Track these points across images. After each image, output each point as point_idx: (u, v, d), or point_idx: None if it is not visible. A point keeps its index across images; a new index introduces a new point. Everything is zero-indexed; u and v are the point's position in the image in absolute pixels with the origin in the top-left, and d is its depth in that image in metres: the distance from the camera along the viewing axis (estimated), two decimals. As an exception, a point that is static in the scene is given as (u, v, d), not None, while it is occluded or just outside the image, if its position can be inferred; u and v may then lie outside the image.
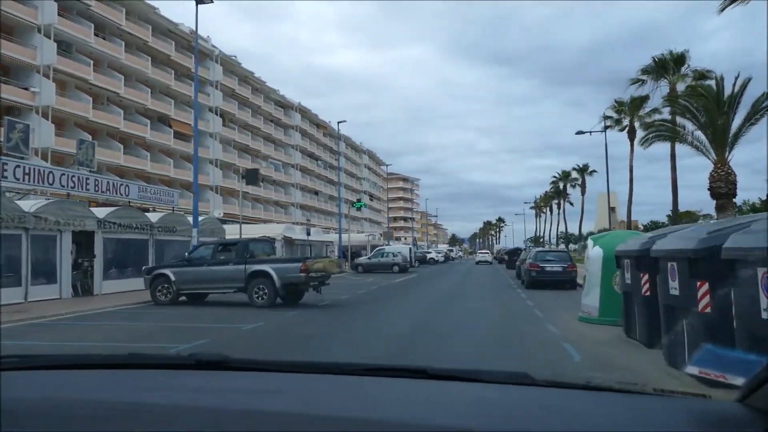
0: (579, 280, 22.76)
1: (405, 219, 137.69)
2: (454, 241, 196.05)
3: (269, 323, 12.49)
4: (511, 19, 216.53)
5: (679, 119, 27.75)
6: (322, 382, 1.57)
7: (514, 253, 43.89)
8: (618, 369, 7.79)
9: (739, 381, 1.24)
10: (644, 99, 37.18)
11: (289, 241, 33.88)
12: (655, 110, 38.82)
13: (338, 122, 46.91)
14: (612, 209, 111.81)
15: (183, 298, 17.13)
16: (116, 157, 44.47)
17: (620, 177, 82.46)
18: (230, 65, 61.73)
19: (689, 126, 26.67)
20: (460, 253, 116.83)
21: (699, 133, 26.32)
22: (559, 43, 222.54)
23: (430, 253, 60.15)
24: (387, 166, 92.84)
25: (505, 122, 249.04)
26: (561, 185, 70.46)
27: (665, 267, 7.73)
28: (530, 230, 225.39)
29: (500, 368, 1.59)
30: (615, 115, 41.00)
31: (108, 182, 21.49)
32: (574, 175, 65.25)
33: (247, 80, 65.27)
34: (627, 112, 40.19)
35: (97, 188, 20.26)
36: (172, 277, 16.47)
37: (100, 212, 19.77)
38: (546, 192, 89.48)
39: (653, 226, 65.84)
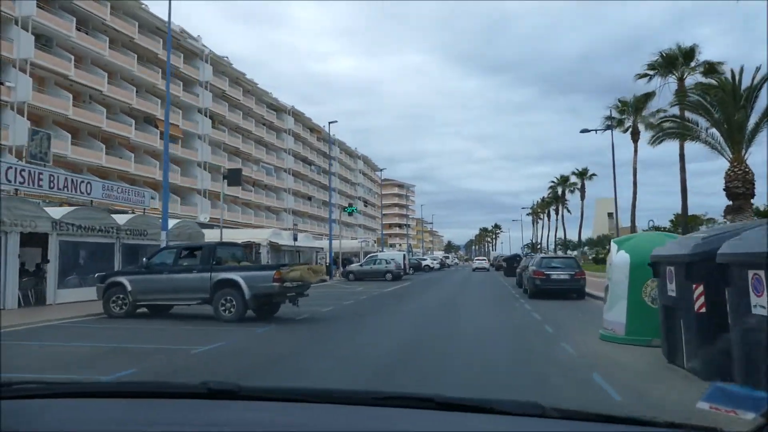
0: (590, 289, 20.73)
1: (400, 225, 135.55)
2: (449, 248, 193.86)
3: (230, 343, 10.35)
4: (507, 28, 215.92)
5: (689, 116, 25.79)
6: (330, 414, 1.59)
7: (513, 260, 41.83)
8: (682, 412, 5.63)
9: (750, 416, 1.30)
10: (649, 96, 35.24)
11: (275, 247, 31.76)
12: (660, 111, 37.07)
13: (329, 122, 44.56)
14: (610, 215, 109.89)
15: (144, 309, 14.99)
16: (98, 158, 42.33)
17: (618, 182, 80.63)
18: (221, 66, 59.71)
19: (702, 123, 24.73)
20: (456, 260, 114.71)
21: (713, 131, 24.41)
22: (554, 51, 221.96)
23: (425, 260, 58.02)
24: (382, 171, 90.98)
25: (502, 130, 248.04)
26: (559, 190, 68.34)
27: (740, 276, 5.67)
28: (527, 237, 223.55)
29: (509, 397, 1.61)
30: (618, 116, 39.08)
31: (66, 179, 19.27)
32: (573, 179, 63.34)
33: (238, 82, 63.25)
34: (630, 112, 38.29)
35: (52, 185, 18.06)
36: (128, 287, 14.27)
37: (57, 212, 17.60)
38: (543, 198, 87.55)
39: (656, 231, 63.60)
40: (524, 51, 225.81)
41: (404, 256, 39.33)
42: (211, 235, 27.70)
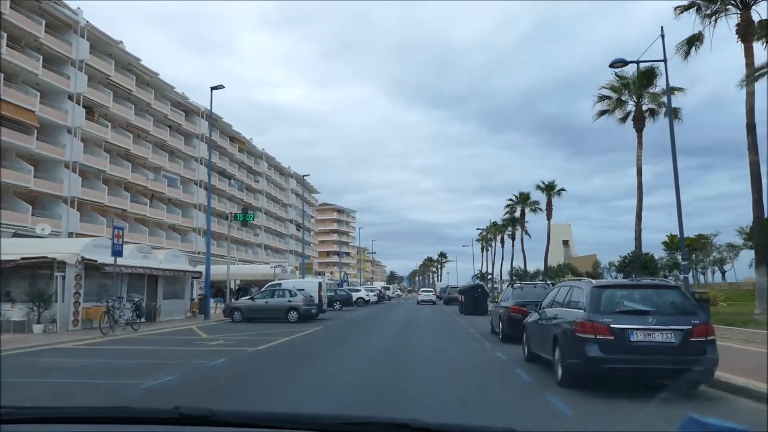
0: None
1: (338, 253, 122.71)
2: (392, 278, 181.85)
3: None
4: (451, 64, 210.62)
5: None
6: None
7: (474, 291, 29.96)
8: None
9: None
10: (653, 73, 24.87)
11: (92, 266, 18.66)
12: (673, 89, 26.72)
13: (211, 88, 31.77)
14: (565, 243, 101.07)
15: None
16: None
17: (567, 211, 71.09)
18: (105, 45, 46.45)
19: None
20: (399, 292, 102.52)
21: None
22: (496, 89, 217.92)
23: (358, 291, 45.60)
24: (318, 194, 78.99)
25: (445, 163, 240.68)
26: (518, 210, 57.23)
27: None
28: (467, 268, 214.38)
29: (482, 423, 1.64)
30: (613, 95, 28.46)
31: None
32: (535, 196, 52.80)
33: (131, 69, 50.02)
34: (633, 90, 27.65)
35: None
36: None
37: None
38: (493, 223, 77.03)
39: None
40: (467, 87, 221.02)
41: (320, 284, 26.83)
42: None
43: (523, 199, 55.67)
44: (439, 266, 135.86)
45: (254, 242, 75.43)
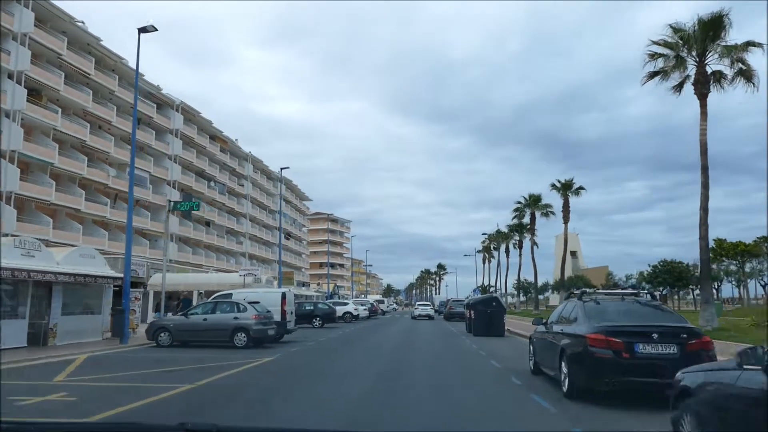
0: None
1: (332, 265, 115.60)
2: (389, 291, 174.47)
3: None
4: (448, 78, 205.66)
5: None
6: None
7: (487, 305, 22.92)
8: None
9: None
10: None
11: None
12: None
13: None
14: (573, 253, 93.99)
15: None
16: None
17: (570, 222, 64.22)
18: (56, 19, 39.93)
19: None
20: (395, 306, 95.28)
21: None
22: (493, 103, 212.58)
23: (346, 304, 38.48)
24: (309, 201, 72.46)
25: (441, 176, 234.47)
26: (527, 214, 50.12)
27: None
28: (465, 282, 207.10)
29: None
30: (669, 52, 21.85)
31: None
32: (548, 198, 45.79)
33: (90, 51, 43.46)
34: (696, 45, 21.05)
35: None
36: None
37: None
38: (497, 230, 70.22)
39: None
40: (464, 101, 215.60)
41: (283, 296, 19.78)
42: None
43: (533, 201, 48.60)
44: (438, 279, 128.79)
45: (237, 251, 68.44)
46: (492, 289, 75.04)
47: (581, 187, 42.00)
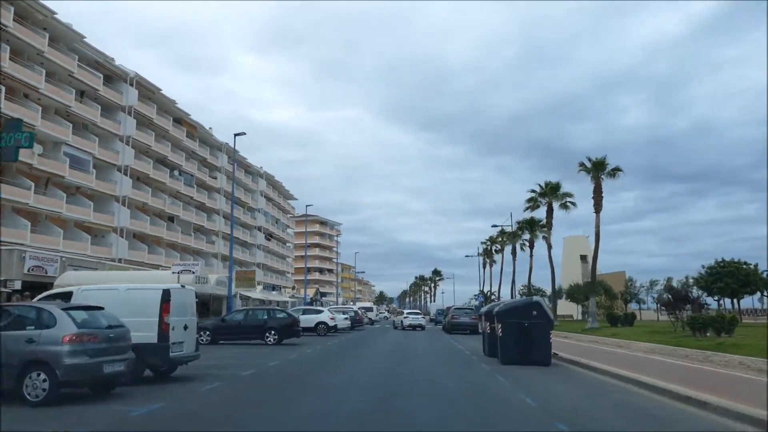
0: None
1: (321, 270, 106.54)
2: (381, 299, 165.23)
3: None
4: (443, 86, 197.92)
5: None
6: None
7: (525, 313, 13.94)
8: None
9: None
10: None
11: None
12: None
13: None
14: (583, 258, 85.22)
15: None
16: None
17: (563, 231, 55.50)
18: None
19: None
20: (386, 314, 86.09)
21: None
22: (487, 111, 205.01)
23: (319, 312, 29.22)
24: (294, 200, 63.67)
25: (435, 184, 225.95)
26: (543, 203, 40.64)
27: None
28: (461, 291, 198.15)
29: None
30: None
31: None
32: (568, 186, 36.60)
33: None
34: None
35: None
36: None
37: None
38: (501, 230, 61.31)
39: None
40: (458, 110, 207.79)
41: (164, 296, 10.61)
42: None
43: (551, 189, 39.49)
44: (433, 286, 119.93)
45: (208, 251, 59.39)
46: (493, 297, 66.05)
47: (617, 168, 33.17)
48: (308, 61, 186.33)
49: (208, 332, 21.10)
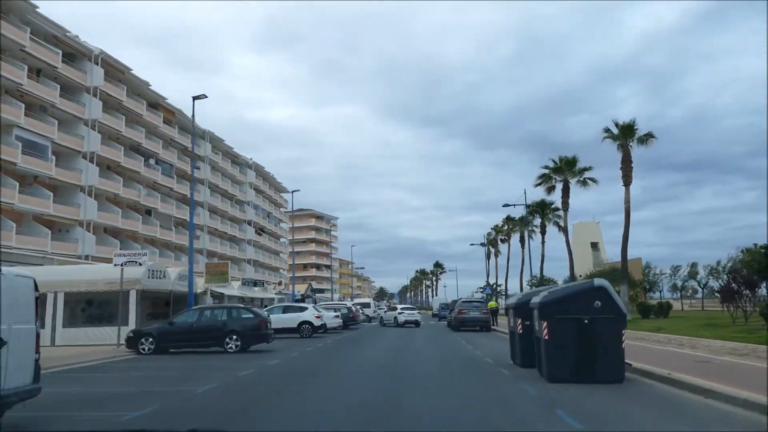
0: None
1: (318, 266, 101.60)
2: (382, 295, 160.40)
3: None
4: (441, 84, 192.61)
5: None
6: None
7: (584, 304, 9.13)
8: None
9: None
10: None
11: None
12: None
13: None
14: (594, 245, 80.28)
15: None
16: None
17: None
18: None
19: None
20: (384, 309, 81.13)
21: None
22: (485, 107, 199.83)
23: (303, 310, 24.24)
24: (287, 193, 58.49)
25: (434, 181, 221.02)
26: (558, 181, 35.22)
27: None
28: (463, 285, 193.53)
29: None
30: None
31: None
32: (587, 160, 31.39)
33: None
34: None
35: None
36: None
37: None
38: (507, 217, 56.44)
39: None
40: (457, 106, 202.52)
41: None
42: None
43: (567, 164, 34.24)
44: (435, 280, 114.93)
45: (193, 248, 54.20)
46: (500, 289, 61.21)
47: (650, 134, 28.04)
48: (305, 60, 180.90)
49: (151, 339, 16.24)
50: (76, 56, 40.14)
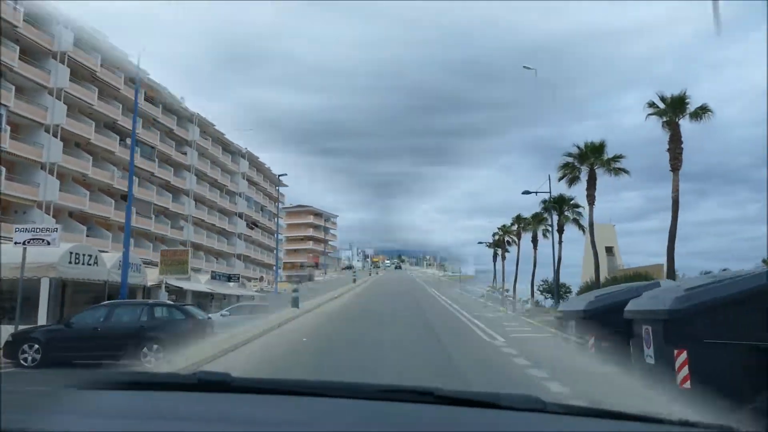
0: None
1: (316, 265, 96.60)
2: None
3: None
4: (445, 88, 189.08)
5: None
6: (324, 407, 1.39)
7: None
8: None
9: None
10: None
11: None
12: None
13: None
14: (608, 250, 75.04)
15: None
16: None
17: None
18: None
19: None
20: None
21: None
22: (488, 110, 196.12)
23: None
24: (285, 187, 53.73)
25: (438, 184, 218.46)
26: (584, 169, 29.50)
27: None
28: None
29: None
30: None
31: None
32: (626, 135, 25.47)
33: None
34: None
35: None
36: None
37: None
38: (517, 216, 51.46)
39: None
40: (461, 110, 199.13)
41: None
42: None
43: (593, 150, 28.63)
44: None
45: (176, 238, 49.55)
46: (508, 293, 56.23)
47: (705, 107, 22.97)
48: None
49: (37, 347, 11.31)
50: (43, 18, 35.39)
